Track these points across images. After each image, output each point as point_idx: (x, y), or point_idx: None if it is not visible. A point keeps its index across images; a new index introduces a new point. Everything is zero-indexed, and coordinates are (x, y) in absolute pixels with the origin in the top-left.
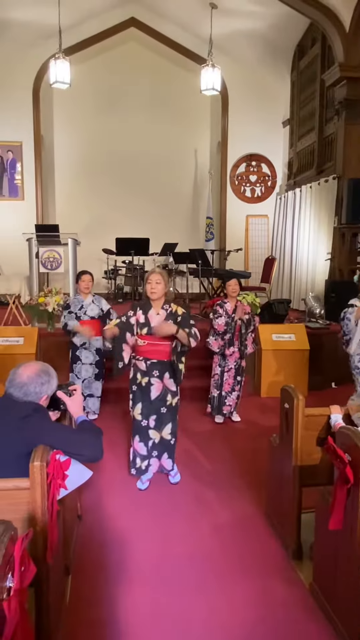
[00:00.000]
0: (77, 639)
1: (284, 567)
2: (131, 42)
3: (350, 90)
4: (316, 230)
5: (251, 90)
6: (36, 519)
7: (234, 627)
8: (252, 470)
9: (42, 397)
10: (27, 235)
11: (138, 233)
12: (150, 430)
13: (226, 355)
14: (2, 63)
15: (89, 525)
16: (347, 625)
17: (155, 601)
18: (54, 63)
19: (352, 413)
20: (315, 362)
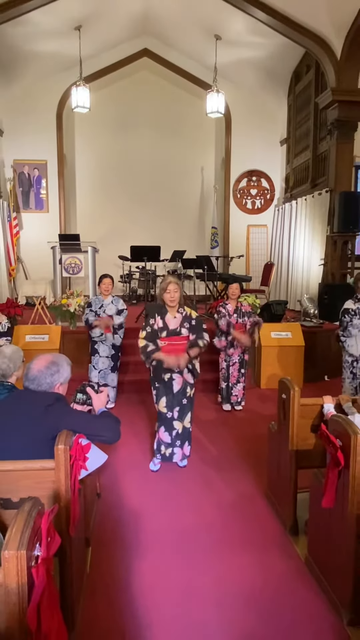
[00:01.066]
0: (97, 602)
1: (282, 541)
2: (144, 70)
3: (342, 112)
4: (310, 238)
5: (252, 113)
6: (60, 496)
7: (237, 594)
8: (252, 454)
9: (55, 385)
10: (51, 243)
11: (150, 241)
12: (174, 421)
13: (229, 351)
14: (30, 90)
15: (107, 502)
16: (339, 593)
17: (166, 570)
18: (75, 90)
19: (343, 403)
20: (310, 357)
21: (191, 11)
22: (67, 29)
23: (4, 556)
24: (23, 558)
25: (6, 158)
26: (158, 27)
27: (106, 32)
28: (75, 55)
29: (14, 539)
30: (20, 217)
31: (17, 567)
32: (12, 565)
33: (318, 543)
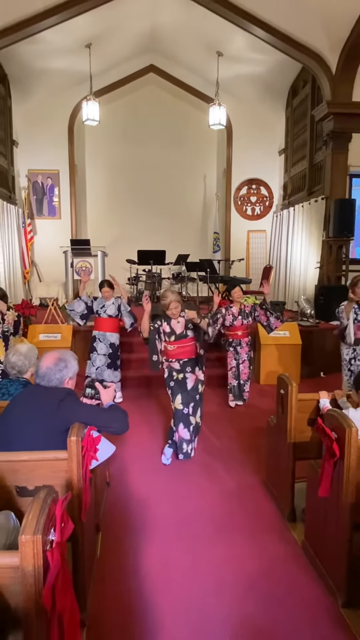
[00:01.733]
0: (106, 584)
1: (280, 528)
2: (150, 85)
3: (336, 124)
4: (307, 242)
5: (252, 125)
6: (73, 485)
7: (237, 577)
8: (252, 446)
9: (65, 380)
10: (63, 248)
11: (156, 246)
12: (190, 417)
13: (238, 350)
14: (43, 104)
15: (116, 491)
16: (334, 577)
17: (171, 554)
18: (85, 104)
19: (338, 398)
20: (306, 354)
21: (194, 29)
22: (78, 47)
23: (21, 540)
24: (39, 542)
25: (21, 168)
26: (163, 45)
27: (115, 49)
28: (86, 71)
29: (31, 524)
30: (34, 223)
31: (33, 550)
32: (29, 549)
33: (314, 530)
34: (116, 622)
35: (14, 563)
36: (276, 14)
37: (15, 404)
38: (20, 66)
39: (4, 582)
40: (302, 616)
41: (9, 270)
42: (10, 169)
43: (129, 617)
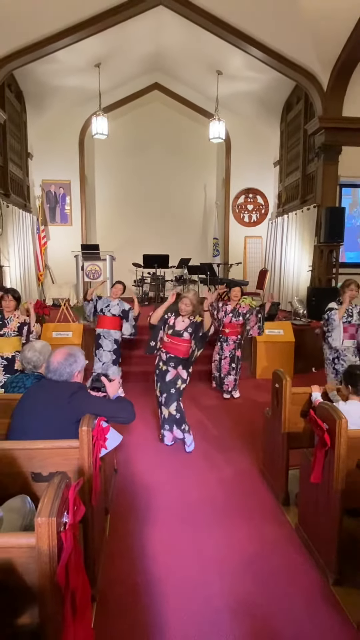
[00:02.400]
0: (115, 562)
1: (275, 512)
2: (155, 102)
3: (328, 137)
4: (300, 247)
5: (249, 138)
6: (84, 471)
7: (236, 557)
8: (249, 436)
9: (75, 373)
10: (74, 252)
11: (160, 250)
12: (162, 406)
13: (223, 346)
14: (56, 119)
15: (123, 477)
16: (325, 557)
17: (175, 535)
18: (95, 119)
19: (329, 391)
20: (299, 351)
21: (196, 50)
22: (88, 66)
23: (37, 522)
24: (53, 524)
25: (35, 178)
26: (167, 64)
27: (122, 68)
28: (95, 88)
29: (46, 507)
30: (47, 230)
31: (48, 532)
32: (44, 530)
33: (307, 513)
34: (124, 597)
35: (31, 543)
36: (271, 35)
37: (28, 396)
38: (35, 84)
39: (21, 561)
40: (295, 593)
41: (24, 273)
42: (26, 179)
43: (135, 592)
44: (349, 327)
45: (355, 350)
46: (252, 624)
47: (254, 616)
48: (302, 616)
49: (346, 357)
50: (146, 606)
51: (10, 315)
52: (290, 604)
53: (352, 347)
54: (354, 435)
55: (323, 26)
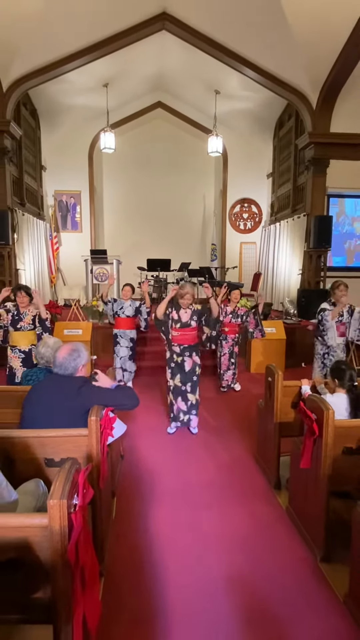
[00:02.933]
0: (121, 541)
1: (267, 494)
2: (158, 119)
3: (317, 152)
4: (291, 253)
5: (244, 152)
6: (92, 457)
7: (232, 535)
8: (244, 425)
9: (79, 367)
10: (84, 257)
11: (162, 255)
12: (188, 394)
13: (223, 343)
14: (67, 135)
15: (129, 463)
16: (313, 535)
17: (176, 516)
18: (103, 134)
19: (317, 385)
20: (290, 348)
21: (196, 71)
22: (97, 86)
23: (50, 504)
24: (64, 506)
25: (48, 189)
26: (169, 84)
27: (128, 88)
28: (103, 107)
29: (58, 490)
30: (59, 236)
31: (59, 513)
32: (56, 512)
33: (297, 496)
34: (129, 573)
35: (44, 523)
36: (265, 58)
37: (38, 389)
38: (48, 102)
39: (35, 540)
40: (286, 568)
41: (38, 275)
42: (40, 190)
43: (140, 568)
44: (340, 325)
45: (344, 346)
46: (246, 596)
47: (247, 589)
48: (292, 589)
49: (335, 352)
50: (149, 581)
51: (25, 310)
52: (281, 579)
53: (342, 344)
54: (340, 424)
55: (313, 50)
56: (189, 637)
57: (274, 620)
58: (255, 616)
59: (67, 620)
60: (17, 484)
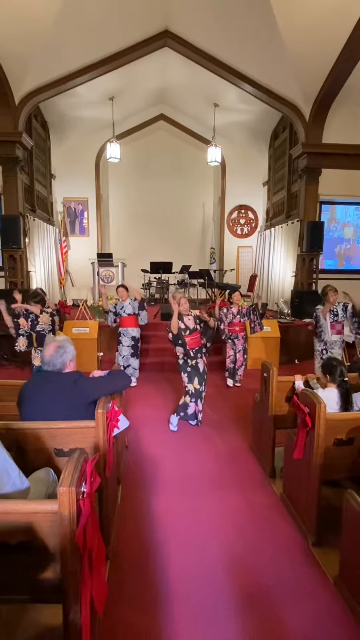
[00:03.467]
0: (126, 525)
1: (263, 483)
2: (160, 130)
3: (309, 161)
4: (285, 256)
5: (241, 162)
6: (99, 447)
7: (229, 521)
8: (241, 418)
9: (67, 362)
10: (91, 260)
11: (164, 258)
12: (203, 393)
13: (236, 342)
14: (75, 146)
15: (133, 452)
16: (306, 522)
17: (177, 502)
18: (109, 145)
19: (310, 380)
20: (284, 345)
21: (196, 85)
22: (103, 100)
23: (59, 491)
24: (73, 493)
25: (58, 196)
26: (171, 98)
27: (132, 101)
28: (109, 119)
29: (67, 479)
30: (68, 240)
31: (68, 499)
32: (65, 498)
33: (290, 484)
34: (133, 555)
35: (54, 509)
36: (261, 73)
37: (31, 387)
38: (57, 115)
39: (45, 525)
40: (280, 552)
41: (48, 277)
42: (50, 197)
43: (143, 551)
44: (336, 324)
45: (342, 343)
46: (243, 577)
47: (244, 570)
48: (285, 571)
49: (333, 349)
50: (152, 563)
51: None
52: (276, 561)
53: (339, 342)
54: (331, 417)
55: (306, 65)
56: (190, 615)
57: (270, 599)
58: (252, 596)
59: (75, 599)
60: (29, 472)
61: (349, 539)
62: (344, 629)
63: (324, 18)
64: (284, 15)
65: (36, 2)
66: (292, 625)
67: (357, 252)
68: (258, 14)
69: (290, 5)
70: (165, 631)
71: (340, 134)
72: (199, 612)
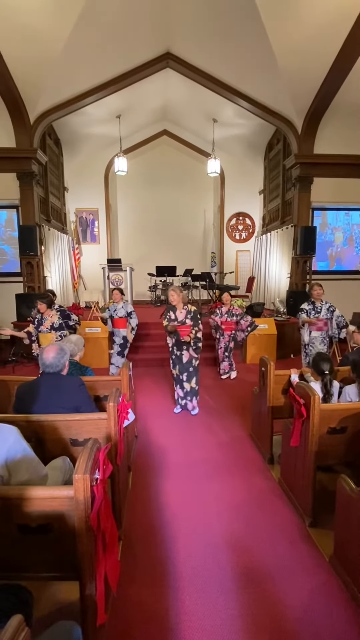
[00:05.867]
0: (136, 509)
1: (262, 469)
2: (164, 145)
3: (302, 171)
4: (280, 259)
5: (239, 172)
6: (111, 437)
7: (231, 504)
8: (241, 408)
9: (65, 364)
10: (102, 265)
11: (169, 262)
12: (184, 382)
13: (220, 339)
14: (86, 160)
15: (142, 441)
16: (302, 504)
17: (183, 487)
18: (116, 159)
19: (304, 373)
20: (280, 341)
21: (196, 103)
22: (110, 117)
23: (75, 478)
24: (87, 480)
25: (70, 207)
26: (173, 114)
27: (137, 118)
28: (116, 135)
29: (81, 466)
30: (80, 248)
31: (83, 485)
32: (80, 485)
33: (287, 470)
34: (143, 536)
35: (70, 495)
36: (256, 90)
37: (34, 386)
38: (69, 132)
39: (62, 509)
40: (278, 533)
41: (62, 282)
42: (63, 208)
43: (152, 532)
44: (317, 321)
45: (324, 339)
46: (244, 556)
47: (245, 550)
48: (284, 551)
49: (314, 344)
50: (161, 542)
51: (46, 316)
52: (274, 541)
53: (320, 337)
54: (325, 408)
55: (297, 82)
56: (195, 590)
57: (270, 576)
58: (253, 573)
59: (91, 577)
60: (47, 461)
61: (343, 520)
62: (338, 603)
63: (313, 37)
64: (277, 36)
65: (48, 29)
66: (290, 600)
67: (347, 254)
68: (253, 36)
69: (282, 27)
70: (173, 606)
71: (331, 145)
72: (204, 587)
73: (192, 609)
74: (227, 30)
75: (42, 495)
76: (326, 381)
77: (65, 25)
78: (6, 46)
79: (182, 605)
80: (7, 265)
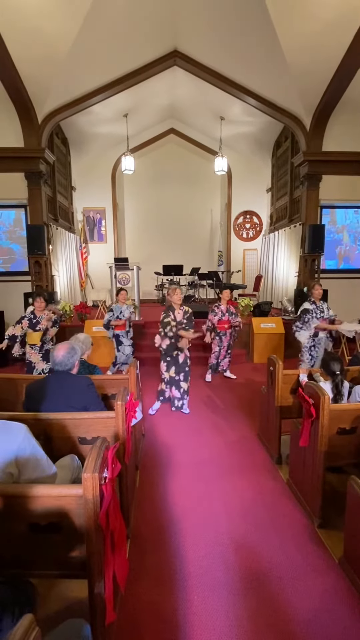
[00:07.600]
0: (144, 507)
1: (270, 469)
2: (171, 143)
3: (310, 168)
4: (288, 257)
5: (246, 170)
6: (119, 436)
7: (239, 504)
8: (249, 408)
9: (76, 363)
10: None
11: (176, 261)
12: (181, 382)
13: (223, 338)
14: (93, 159)
15: (149, 440)
16: (311, 505)
17: (190, 484)
18: (124, 158)
19: (313, 373)
20: (288, 341)
21: (203, 100)
22: (117, 116)
23: (84, 477)
24: (96, 478)
25: (78, 206)
26: (180, 113)
27: (144, 117)
28: (123, 134)
29: (90, 465)
30: (87, 247)
31: (92, 484)
32: (89, 483)
33: (296, 470)
34: (151, 535)
35: (79, 493)
36: (264, 87)
37: (47, 383)
38: (77, 132)
39: (71, 507)
40: (287, 534)
41: (70, 281)
42: (70, 207)
43: (160, 531)
44: (322, 321)
45: (327, 338)
46: (252, 557)
47: (254, 551)
48: (293, 551)
49: (320, 344)
50: (168, 542)
51: (42, 314)
52: (283, 542)
53: (324, 338)
54: (334, 408)
55: (306, 79)
56: (203, 590)
57: (278, 577)
58: (261, 574)
59: (99, 575)
60: (55, 459)
61: (353, 521)
62: (348, 606)
63: (322, 32)
64: (285, 33)
65: (55, 30)
66: (299, 602)
67: (355, 252)
68: (260, 32)
69: (289, 23)
70: (182, 605)
71: (339, 142)
72: (212, 587)
73: (200, 608)
74: (234, 27)
75: (51, 494)
76: (337, 381)
77: (72, 26)
78: (15, 48)
79: (191, 605)
80: (15, 264)
